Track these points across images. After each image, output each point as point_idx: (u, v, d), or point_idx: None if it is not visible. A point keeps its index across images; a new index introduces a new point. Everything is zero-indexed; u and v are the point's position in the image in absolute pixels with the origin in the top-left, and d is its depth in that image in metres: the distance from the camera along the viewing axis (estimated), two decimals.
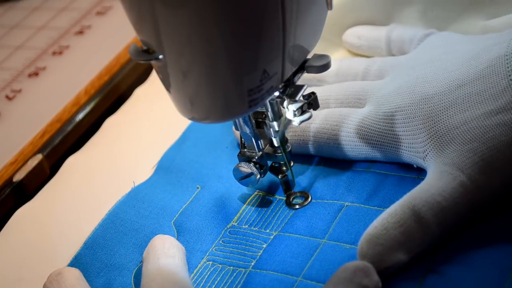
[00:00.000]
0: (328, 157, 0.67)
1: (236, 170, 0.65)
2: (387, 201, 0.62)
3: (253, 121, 0.63)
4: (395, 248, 0.56)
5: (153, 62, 0.57)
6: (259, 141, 0.64)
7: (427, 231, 0.57)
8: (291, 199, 0.66)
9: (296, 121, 0.62)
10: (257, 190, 0.67)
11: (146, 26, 0.55)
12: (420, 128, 0.62)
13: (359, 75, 0.71)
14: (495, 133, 0.58)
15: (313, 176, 0.67)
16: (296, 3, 0.56)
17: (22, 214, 0.72)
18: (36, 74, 0.89)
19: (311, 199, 0.65)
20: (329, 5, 0.61)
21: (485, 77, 0.60)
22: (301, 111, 0.61)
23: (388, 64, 0.69)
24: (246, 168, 0.64)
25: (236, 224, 0.65)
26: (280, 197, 0.66)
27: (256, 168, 0.64)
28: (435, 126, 0.61)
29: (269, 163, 0.66)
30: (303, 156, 0.68)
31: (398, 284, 0.56)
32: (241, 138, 0.65)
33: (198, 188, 0.69)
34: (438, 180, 0.58)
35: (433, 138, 0.61)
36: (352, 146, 0.66)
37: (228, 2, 0.53)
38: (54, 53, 0.92)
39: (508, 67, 0.59)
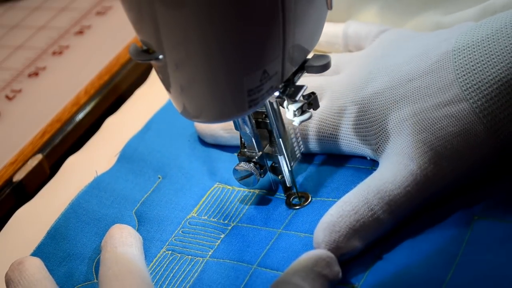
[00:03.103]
0: None
1: (235, 170, 0.65)
2: (342, 191, 0.63)
3: (253, 121, 0.63)
4: (350, 235, 0.58)
5: (153, 62, 0.57)
6: (259, 141, 0.64)
7: (380, 218, 0.58)
8: (291, 199, 0.66)
9: (296, 121, 0.62)
10: (217, 183, 0.68)
11: (146, 26, 0.55)
12: (372, 122, 0.63)
13: None
14: (442, 124, 0.60)
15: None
16: (296, 3, 0.57)
17: (22, 214, 0.72)
18: (36, 74, 0.89)
19: (311, 199, 0.65)
20: (328, 4, 0.61)
21: (434, 72, 0.62)
22: (301, 111, 0.62)
23: (343, 60, 0.71)
24: (245, 168, 0.64)
25: (196, 215, 0.66)
26: (239, 189, 0.67)
27: (256, 168, 0.64)
28: (386, 119, 0.62)
29: (269, 163, 0.66)
30: None
31: (347, 271, 0.57)
32: (241, 138, 0.65)
33: (159, 178, 0.70)
34: (390, 169, 0.60)
35: (385, 130, 0.62)
36: (308, 140, 0.67)
37: (228, 2, 0.53)
38: (54, 53, 0.92)
39: (455, 62, 0.61)
